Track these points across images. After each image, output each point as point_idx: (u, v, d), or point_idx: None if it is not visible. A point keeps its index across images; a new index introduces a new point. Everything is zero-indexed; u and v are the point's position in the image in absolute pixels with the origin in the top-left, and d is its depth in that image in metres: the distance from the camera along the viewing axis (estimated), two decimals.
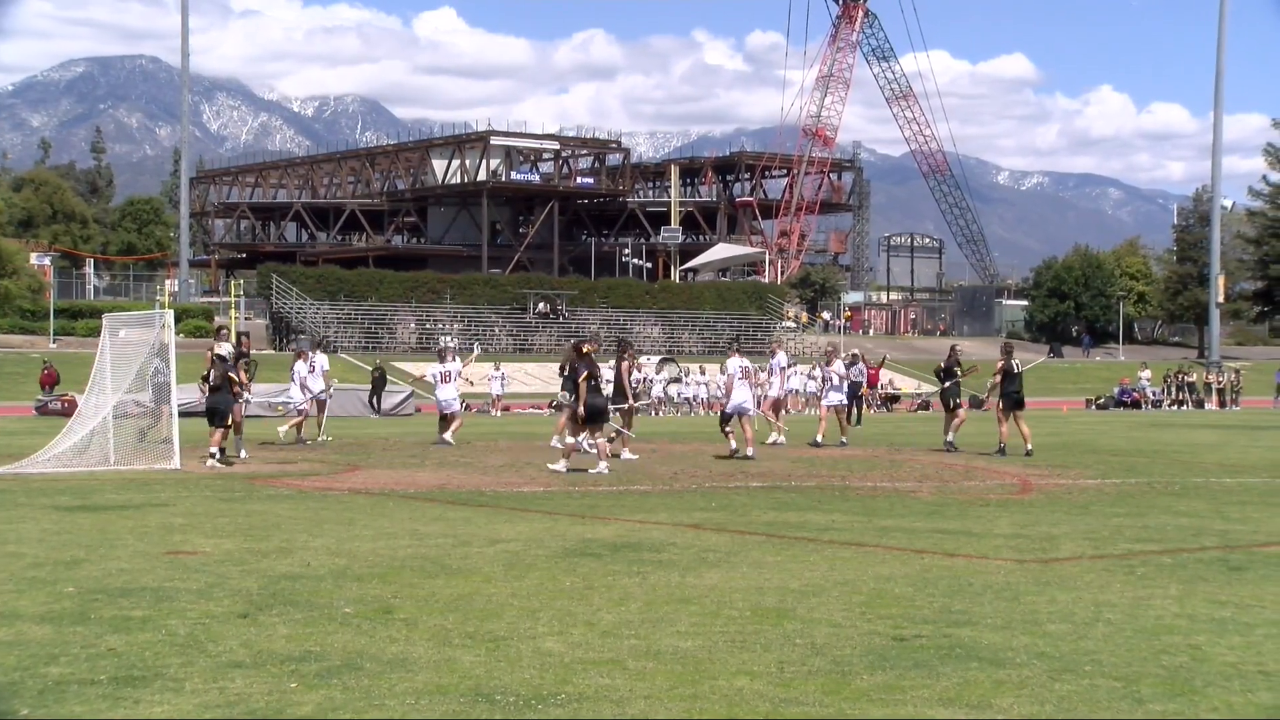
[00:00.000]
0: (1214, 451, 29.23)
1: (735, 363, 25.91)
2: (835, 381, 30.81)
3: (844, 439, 29.72)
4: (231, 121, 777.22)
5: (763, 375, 30.38)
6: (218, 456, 23.14)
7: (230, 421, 23.67)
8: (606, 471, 21.71)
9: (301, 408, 30.49)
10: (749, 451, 25.07)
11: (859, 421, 40.84)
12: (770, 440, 29.36)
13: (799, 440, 30.12)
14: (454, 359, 29.95)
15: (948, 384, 28.90)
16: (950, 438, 28.15)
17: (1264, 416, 52.85)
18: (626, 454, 25.05)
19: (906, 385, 69.14)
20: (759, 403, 30.51)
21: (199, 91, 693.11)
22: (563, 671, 7.84)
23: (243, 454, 24.78)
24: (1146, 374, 67.83)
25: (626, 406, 26.33)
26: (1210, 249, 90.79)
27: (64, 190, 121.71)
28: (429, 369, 32.39)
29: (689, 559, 12.25)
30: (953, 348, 29.96)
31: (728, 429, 25.76)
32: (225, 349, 24.04)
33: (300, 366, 30.72)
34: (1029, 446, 26.57)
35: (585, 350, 23.17)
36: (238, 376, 24.25)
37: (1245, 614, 9.81)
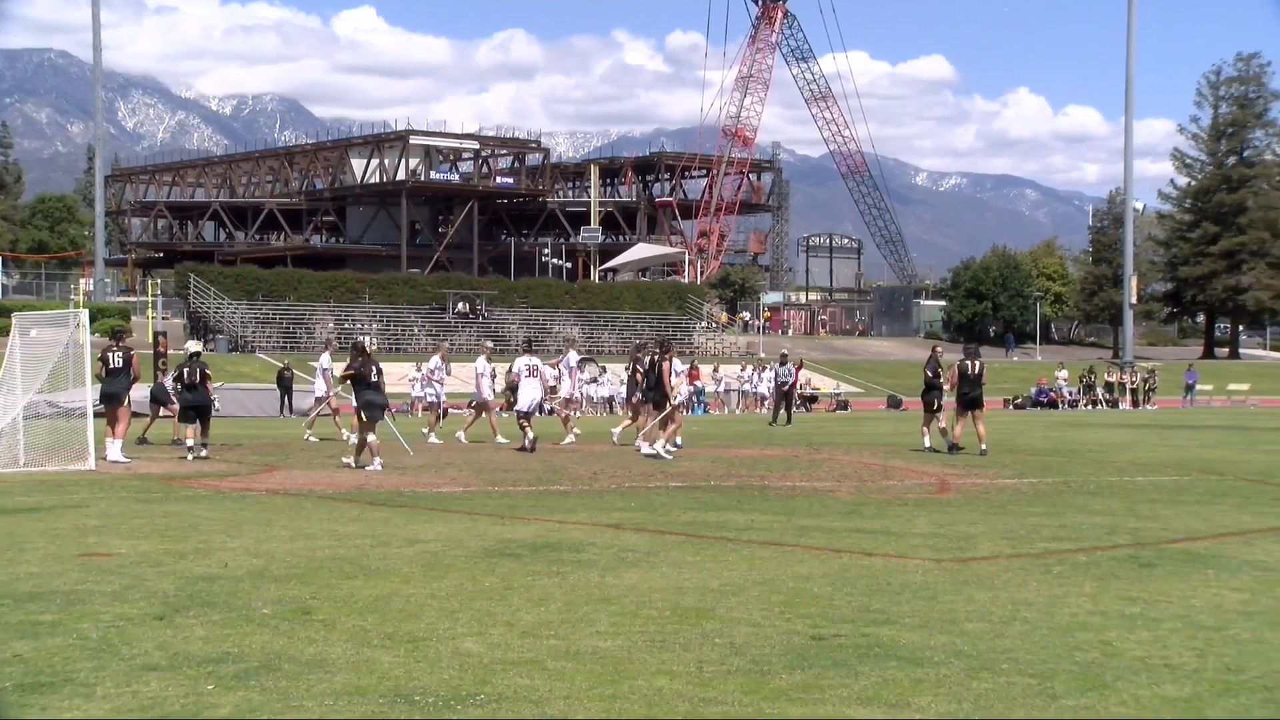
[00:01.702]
0: (1127, 450, 29.58)
1: (521, 362, 27.71)
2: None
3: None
4: (148, 119, 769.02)
5: (550, 373, 30.94)
6: (200, 452, 24.28)
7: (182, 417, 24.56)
8: (379, 468, 22.12)
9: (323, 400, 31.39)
10: (527, 441, 26.64)
11: (789, 421, 41.18)
12: (565, 442, 29.63)
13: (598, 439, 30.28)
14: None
15: (930, 387, 28.49)
16: (948, 439, 27.47)
17: (1174, 415, 53.59)
18: (648, 449, 25.69)
19: (825, 385, 69.57)
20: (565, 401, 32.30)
21: (113, 88, 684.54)
22: (482, 672, 7.83)
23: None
24: (1064, 374, 68.60)
25: (668, 406, 26.44)
26: (1124, 251, 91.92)
27: None
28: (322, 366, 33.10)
29: (608, 559, 12.25)
30: (935, 349, 29.90)
31: (524, 423, 27.18)
32: (195, 345, 24.99)
33: (325, 359, 32.47)
34: (983, 446, 26.61)
35: (366, 350, 23.66)
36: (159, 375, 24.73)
37: (1153, 609, 9.96)
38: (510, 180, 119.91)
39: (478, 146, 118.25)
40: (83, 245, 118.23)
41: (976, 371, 27.55)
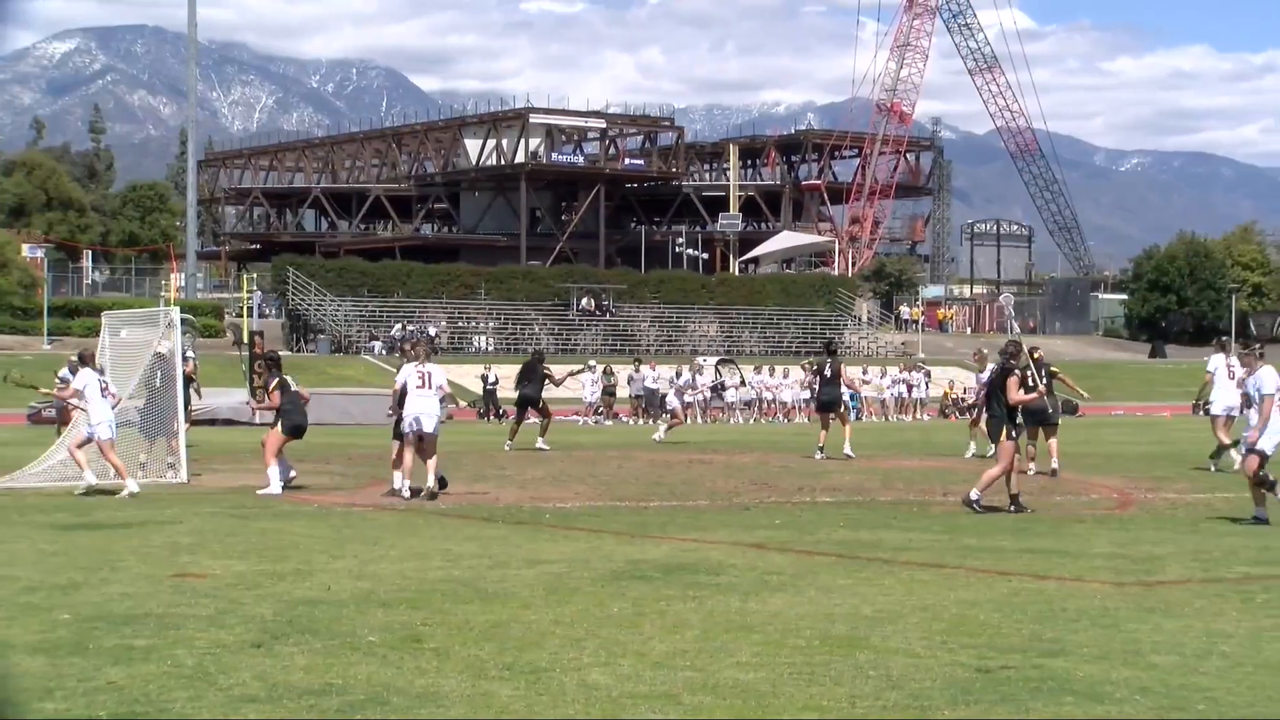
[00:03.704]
0: None
1: (409, 369, 24.77)
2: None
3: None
4: (244, 98, 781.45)
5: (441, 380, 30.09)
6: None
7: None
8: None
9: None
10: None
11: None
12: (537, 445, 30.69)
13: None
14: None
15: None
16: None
17: None
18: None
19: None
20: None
21: (208, 64, 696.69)
22: (610, 706, 7.84)
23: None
24: None
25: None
26: None
27: (59, 174, 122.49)
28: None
29: (750, 582, 12.23)
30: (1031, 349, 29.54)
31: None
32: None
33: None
34: (1054, 463, 25.73)
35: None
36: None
37: None
38: (640, 162, 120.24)
39: (604, 125, 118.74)
40: (174, 237, 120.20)
41: (833, 372, 28.94)
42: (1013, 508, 18.47)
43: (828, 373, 29.29)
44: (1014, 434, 18.87)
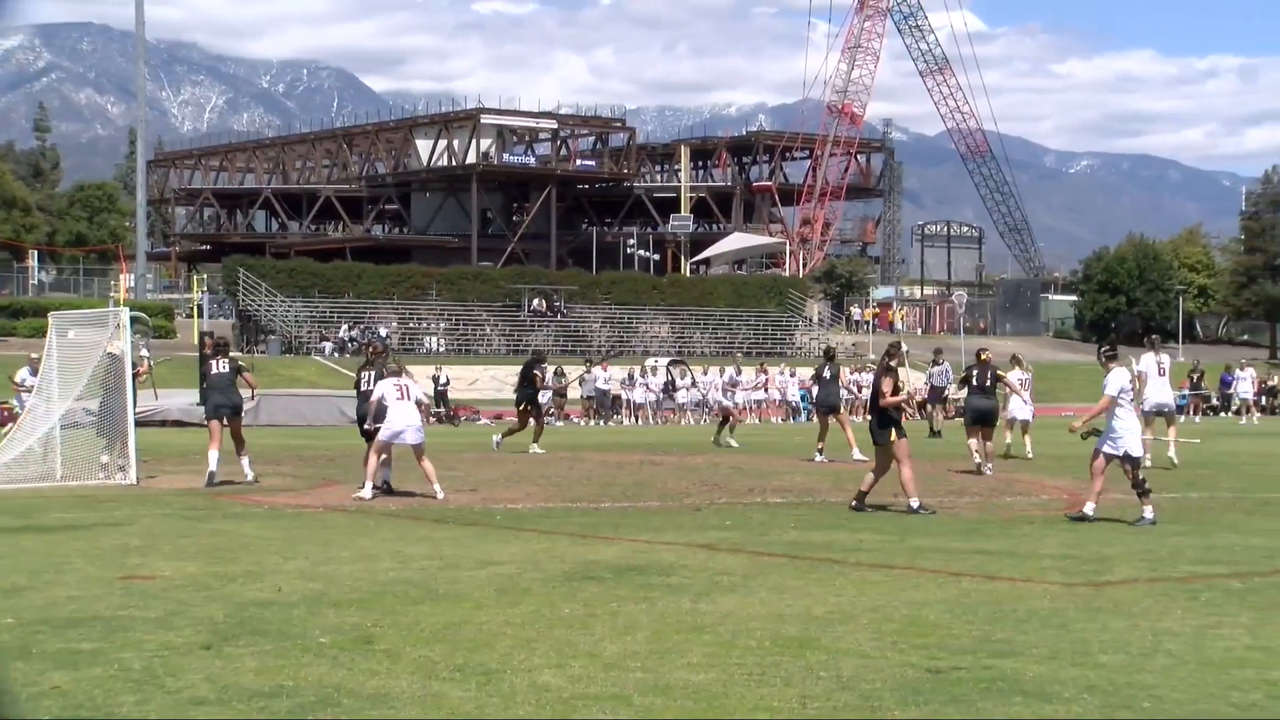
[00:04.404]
0: None
1: (388, 383, 22.04)
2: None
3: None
4: (194, 98, 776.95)
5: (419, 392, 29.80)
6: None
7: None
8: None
9: None
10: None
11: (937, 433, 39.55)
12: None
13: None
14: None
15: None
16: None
17: None
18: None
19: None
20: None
21: (157, 64, 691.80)
22: (562, 707, 7.85)
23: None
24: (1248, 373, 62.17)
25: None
26: None
27: (3, 173, 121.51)
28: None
29: (701, 583, 12.25)
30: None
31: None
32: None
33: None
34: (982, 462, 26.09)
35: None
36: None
37: None
38: (592, 163, 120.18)
39: (556, 126, 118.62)
40: (123, 237, 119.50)
41: (833, 375, 29.77)
42: (854, 503, 18.67)
43: (826, 374, 29.42)
44: (902, 434, 18.96)
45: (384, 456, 20.97)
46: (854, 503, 18.69)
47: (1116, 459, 17.45)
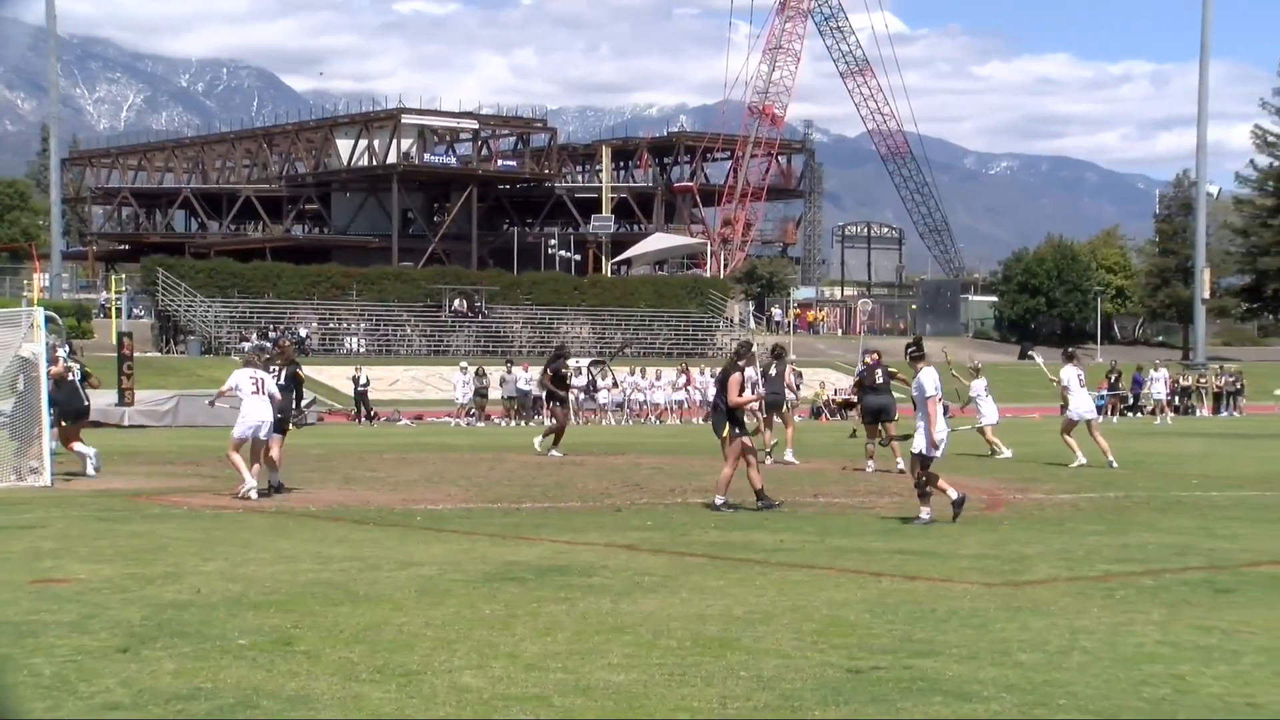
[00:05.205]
0: (1201, 462, 29.52)
1: (242, 375, 21.58)
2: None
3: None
4: (110, 96, 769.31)
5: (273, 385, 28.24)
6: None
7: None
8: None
9: None
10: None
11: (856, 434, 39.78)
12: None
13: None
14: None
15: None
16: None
17: (1264, 424, 52.98)
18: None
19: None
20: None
21: (70, 59, 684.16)
22: (482, 708, 7.84)
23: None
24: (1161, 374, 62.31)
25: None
26: (1195, 240, 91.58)
27: None
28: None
29: (622, 583, 12.26)
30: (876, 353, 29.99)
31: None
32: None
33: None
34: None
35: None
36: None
37: (1232, 641, 9.93)
38: (513, 163, 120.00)
39: (477, 126, 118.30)
40: (37, 236, 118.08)
41: (778, 373, 29.54)
42: (760, 504, 18.75)
43: (773, 373, 29.25)
44: (738, 432, 19.05)
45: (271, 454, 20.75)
46: (759, 503, 18.75)
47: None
